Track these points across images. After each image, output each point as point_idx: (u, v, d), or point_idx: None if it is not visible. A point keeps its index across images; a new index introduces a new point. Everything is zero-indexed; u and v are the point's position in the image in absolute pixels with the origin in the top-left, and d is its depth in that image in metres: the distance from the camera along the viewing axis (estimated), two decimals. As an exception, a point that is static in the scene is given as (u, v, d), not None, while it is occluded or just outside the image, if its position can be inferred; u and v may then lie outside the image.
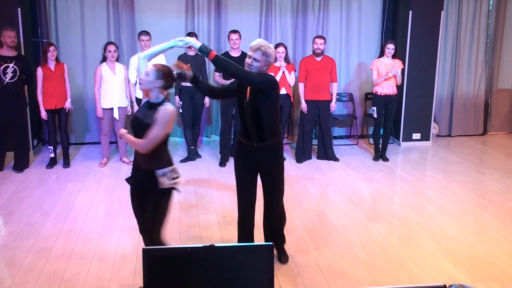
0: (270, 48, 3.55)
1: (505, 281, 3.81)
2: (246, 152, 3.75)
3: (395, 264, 4.05)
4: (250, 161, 3.76)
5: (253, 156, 3.72)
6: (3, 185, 5.76)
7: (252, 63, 3.54)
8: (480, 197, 5.56)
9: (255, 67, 3.54)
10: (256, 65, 3.54)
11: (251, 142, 3.68)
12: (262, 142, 3.66)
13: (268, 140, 3.66)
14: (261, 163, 3.74)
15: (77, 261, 4.05)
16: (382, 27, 7.91)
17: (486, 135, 8.41)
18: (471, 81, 8.14)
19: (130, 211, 5.06)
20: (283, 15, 7.66)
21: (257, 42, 3.57)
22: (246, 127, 3.66)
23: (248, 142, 3.69)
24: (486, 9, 7.95)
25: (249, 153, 3.73)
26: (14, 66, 6.02)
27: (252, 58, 3.54)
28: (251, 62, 3.55)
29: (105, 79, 6.30)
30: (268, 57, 3.53)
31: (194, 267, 1.84)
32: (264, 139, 3.65)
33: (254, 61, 3.53)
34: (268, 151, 3.70)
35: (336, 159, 6.83)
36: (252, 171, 3.81)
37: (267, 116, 3.59)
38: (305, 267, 4.00)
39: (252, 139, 3.67)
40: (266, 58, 3.52)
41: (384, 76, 6.60)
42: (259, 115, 3.58)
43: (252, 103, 3.58)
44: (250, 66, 3.55)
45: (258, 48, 3.52)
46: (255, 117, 3.59)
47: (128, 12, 7.32)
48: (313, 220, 4.90)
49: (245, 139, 3.72)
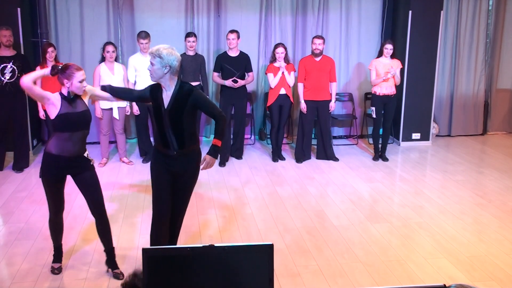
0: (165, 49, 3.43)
1: (505, 281, 3.81)
2: (164, 161, 3.61)
3: (395, 264, 4.05)
4: (168, 169, 3.62)
5: (172, 164, 3.60)
6: (3, 185, 5.76)
7: (149, 67, 3.48)
8: (479, 197, 5.56)
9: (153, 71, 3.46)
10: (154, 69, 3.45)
11: (170, 150, 3.56)
12: (181, 150, 3.56)
13: (187, 147, 3.58)
14: (179, 172, 3.64)
15: (77, 261, 4.04)
16: (382, 27, 7.91)
17: (485, 135, 8.41)
18: (470, 81, 8.14)
19: (130, 211, 5.07)
20: (283, 15, 7.66)
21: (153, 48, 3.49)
22: (164, 135, 3.55)
23: (167, 151, 3.57)
24: (486, 9, 7.95)
25: (168, 161, 3.60)
26: (13, 66, 6.01)
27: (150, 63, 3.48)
28: (149, 67, 3.49)
29: (104, 79, 6.29)
30: (163, 59, 3.40)
31: (194, 267, 1.84)
32: (183, 147, 3.56)
33: (150, 65, 3.47)
34: (188, 159, 3.62)
35: (336, 159, 6.83)
36: (169, 178, 3.66)
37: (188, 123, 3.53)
38: (305, 267, 3.99)
39: (171, 147, 3.55)
40: (160, 60, 3.40)
41: (383, 77, 6.61)
42: (180, 123, 3.50)
43: (172, 110, 3.49)
44: (150, 71, 3.48)
45: (151, 52, 3.44)
46: (175, 125, 3.50)
47: (127, 12, 7.31)
48: (313, 220, 4.90)
49: (163, 148, 3.59)
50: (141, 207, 5.19)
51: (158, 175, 3.65)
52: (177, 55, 3.46)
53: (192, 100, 3.47)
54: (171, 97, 3.48)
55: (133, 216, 4.97)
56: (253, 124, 7.75)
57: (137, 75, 6.40)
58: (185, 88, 3.51)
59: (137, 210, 5.11)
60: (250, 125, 7.69)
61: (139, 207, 5.19)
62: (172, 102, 3.47)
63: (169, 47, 3.46)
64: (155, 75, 3.45)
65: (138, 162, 6.67)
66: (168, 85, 3.48)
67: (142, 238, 4.48)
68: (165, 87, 3.50)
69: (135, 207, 5.17)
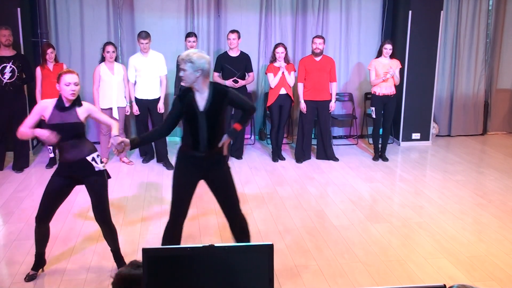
0: (194, 54, 3.50)
1: (505, 281, 3.81)
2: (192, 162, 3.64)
3: (395, 264, 4.05)
4: (195, 170, 3.67)
5: (200, 164, 3.64)
6: (3, 185, 5.76)
7: (182, 74, 3.52)
8: (479, 197, 5.56)
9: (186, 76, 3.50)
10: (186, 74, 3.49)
11: (199, 151, 3.60)
12: (211, 150, 3.60)
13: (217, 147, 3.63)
14: (210, 172, 3.68)
15: (77, 261, 4.04)
16: (382, 27, 7.91)
17: (485, 135, 8.40)
18: (470, 81, 8.14)
19: (130, 211, 5.07)
20: (283, 15, 7.66)
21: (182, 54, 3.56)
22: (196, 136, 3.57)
23: (195, 152, 3.60)
24: (486, 9, 7.95)
25: (196, 162, 3.63)
26: (12, 66, 6.01)
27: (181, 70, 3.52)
28: (181, 73, 3.53)
29: (104, 79, 6.29)
30: (194, 63, 3.46)
31: (194, 267, 1.84)
32: (213, 147, 3.61)
33: (182, 71, 3.51)
34: (216, 157, 3.67)
35: (336, 159, 6.83)
36: (194, 181, 3.71)
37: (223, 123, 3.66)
38: (305, 267, 4.00)
39: (201, 147, 3.59)
40: (191, 65, 3.46)
41: (382, 77, 6.61)
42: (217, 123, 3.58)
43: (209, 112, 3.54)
44: (182, 77, 3.53)
45: (182, 59, 3.50)
46: (211, 125, 3.56)
47: (127, 12, 7.31)
48: (313, 220, 4.90)
49: (192, 149, 3.61)
50: (141, 207, 5.19)
51: (182, 176, 3.68)
52: (207, 58, 3.53)
53: (228, 100, 3.61)
54: (207, 99, 3.54)
55: (133, 216, 4.97)
56: (253, 124, 7.75)
57: (137, 75, 6.39)
58: (218, 88, 3.62)
59: (137, 210, 5.11)
60: (250, 125, 7.69)
61: (139, 207, 5.19)
62: (209, 104, 3.54)
63: (198, 51, 3.56)
64: (188, 80, 3.51)
65: (138, 162, 6.67)
66: (201, 87, 3.53)
67: (142, 238, 4.48)
68: (199, 90, 3.54)
69: (135, 207, 5.17)
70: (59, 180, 3.67)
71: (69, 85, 3.53)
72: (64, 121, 3.55)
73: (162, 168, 6.47)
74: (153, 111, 6.47)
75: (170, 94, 7.08)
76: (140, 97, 6.42)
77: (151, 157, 6.73)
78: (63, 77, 3.53)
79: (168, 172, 6.30)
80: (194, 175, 3.68)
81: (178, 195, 3.70)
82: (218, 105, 3.56)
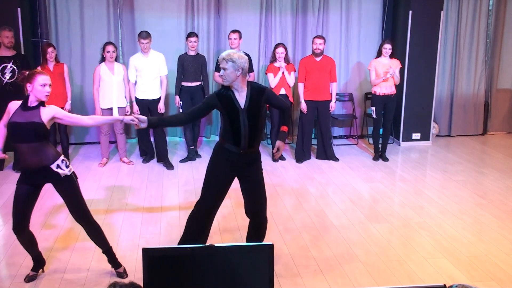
0: (234, 54, 3.61)
1: (505, 281, 3.81)
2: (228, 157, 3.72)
3: (395, 264, 4.05)
4: (230, 166, 3.74)
5: (236, 161, 3.72)
6: (3, 185, 5.76)
7: (222, 73, 3.61)
8: (480, 197, 5.56)
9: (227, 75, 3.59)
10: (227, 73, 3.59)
11: (238, 148, 3.67)
12: (250, 149, 3.69)
13: (256, 146, 3.74)
14: (245, 170, 3.76)
15: (77, 261, 4.04)
16: (382, 27, 7.91)
17: (486, 135, 8.40)
18: (471, 81, 8.14)
19: (130, 211, 5.07)
20: (283, 15, 7.66)
21: (223, 53, 3.65)
22: (238, 133, 3.64)
23: (235, 148, 3.68)
24: (486, 9, 7.95)
25: (233, 159, 3.71)
26: (13, 66, 6.01)
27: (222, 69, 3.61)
28: (221, 72, 3.62)
29: (104, 79, 6.29)
30: (235, 62, 3.57)
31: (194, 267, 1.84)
32: (253, 146, 3.70)
33: (223, 70, 3.60)
34: (251, 156, 3.74)
35: (336, 159, 6.83)
36: (229, 176, 3.80)
37: (262, 121, 3.76)
38: (305, 267, 4.00)
39: (241, 145, 3.66)
40: (232, 64, 3.57)
41: (382, 77, 6.61)
42: (257, 120, 3.67)
43: (249, 109, 3.63)
44: (223, 77, 3.61)
45: (223, 58, 3.59)
46: (252, 122, 3.64)
47: (128, 12, 7.32)
48: (313, 220, 4.90)
49: (232, 145, 3.69)
50: (141, 207, 5.19)
51: (218, 170, 3.76)
52: (246, 58, 3.63)
53: (266, 97, 3.71)
54: (246, 97, 3.64)
55: (133, 216, 4.97)
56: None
57: (137, 75, 6.39)
58: (256, 87, 3.71)
59: (137, 210, 5.11)
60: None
61: (139, 207, 5.19)
62: (248, 102, 3.63)
63: (237, 51, 3.69)
64: (229, 78, 3.59)
65: (138, 162, 6.67)
66: (240, 86, 3.62)
67: (142, 238, 4.48)
68: (237, 89, 3.63)
69: (135, 208, 5.18)
70: (25, 187, 3.58)
71: (45, 86, 3.47)
72: (25, 120, 3.44)
73: (162, 168, 6.46)
74: (153, 111, 6.47)
75: (171, 94, 7.08)
76: (140, 97, 6.42)
77: (151, 157, 6.73)
78: (38, 77, 3.45)
79: (168, 172, 6.30)
80: (230, 171, 3.76)
81: (213, 188, 3.78)
82: (257, 102, 3.66)
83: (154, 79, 6.41)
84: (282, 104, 3.90)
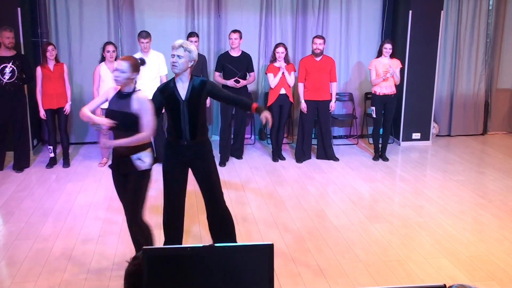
0: (191, 45, 3.68)
1: (505, 281, 3.81)
2: (177, 151, 3.80)
3: (395, 264, 4.05)
4: (181, 159, 3.81)
5: (184, 154, 3.79)
6: (3, 185, 5.76)
7: (176, 60, 3.63)
8: (480, 196, 5.56)
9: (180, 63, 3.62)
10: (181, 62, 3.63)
11: (182, 140, 3.75)
12: (193, 140, 3.75)
13: (199, 137, 3.78)
14: (195, 162, 3.83)
15: (77, 261, 4.05)
16: (382, 27, 7.91)
17: (486, 135, 8.40)
18: (471, 80, 8.14)
19: (130, 211, 5.07)
20: (283, 15, 7.66)
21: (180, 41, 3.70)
22: (179, 126, 3.71)
23: (180, 141, 3.75)
24: (486, 9, 7.95)
25: (181, 151, 3.78)
26: (12, 66, 6.01)
27: (176, 55, 3.63)
28: (175, 59, 3.63)
29: (104, 79, 6.29)
30: (191, 53, 3.64)
31: (194, 267, 1.84)
32: (195, 137, 3.75)
33: (177, 57, 3.62)
34: (199, 147, 3.81)
35: (336, 159, 6.83)
36: (182, 169, 3.87)
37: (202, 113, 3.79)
38: (305, 267, 4.00)
39: (183, 137, 3.74)
40: (189, 54, 3.63)
41: (382, 77, 6.61)
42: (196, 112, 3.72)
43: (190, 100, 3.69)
44: (175, 63, 3.63)
45: (180, 45, 3.62)
46: (191, 114, 3.71)
47: (128, 12, 7.31)
48: (313, 220, 4.90)
49: (176, 139, 3.76)
50: (141, 207, 5.18)
51: (170, 166, 3.84)
52: (197, 52, 3.73)
53: (208, 89, 3.73)
54: (188, 89, 3.69)
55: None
56: (253, 124, 7.75)
57: (137, 75, 6.38)
58: (198, 79, 3.76)
59: (137, 210, 5.10)
60: (250, 125, 7.69)
61: (139, 207, 5.18)
62: (189, 93, 3.68)
63: (191, 43, 3.72)
64: (181, 67, 3.63)
65: (138, 162, 6.66)
66: (186, 77, 3.69)
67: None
68: (182, 80, 3.69)
69: (135, 207, 5.17)
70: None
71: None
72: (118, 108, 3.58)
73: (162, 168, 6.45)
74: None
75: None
76: (140, 97, 6.41)
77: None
78: None
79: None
80: (180, 164, 3.82)
81: (171, 185, 3.86)
82: (198, 94, 3.69)
83: (154, 79, 6.41)
84: (226, 95, 3.90)
